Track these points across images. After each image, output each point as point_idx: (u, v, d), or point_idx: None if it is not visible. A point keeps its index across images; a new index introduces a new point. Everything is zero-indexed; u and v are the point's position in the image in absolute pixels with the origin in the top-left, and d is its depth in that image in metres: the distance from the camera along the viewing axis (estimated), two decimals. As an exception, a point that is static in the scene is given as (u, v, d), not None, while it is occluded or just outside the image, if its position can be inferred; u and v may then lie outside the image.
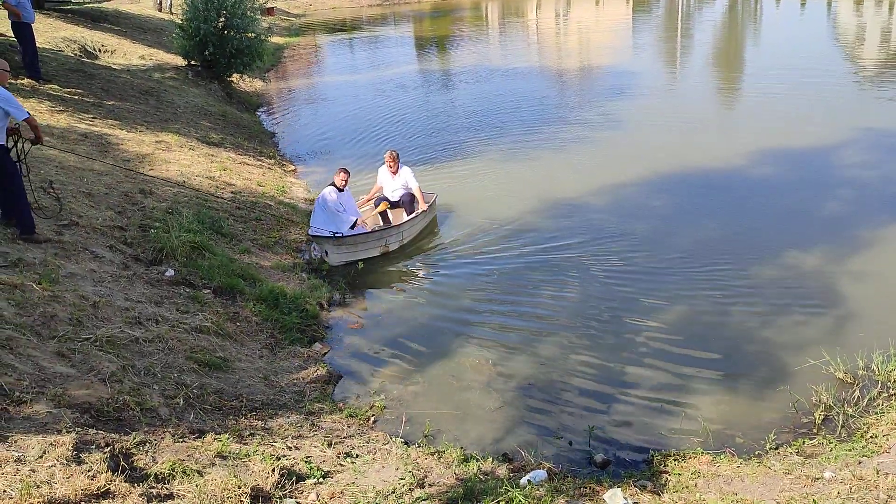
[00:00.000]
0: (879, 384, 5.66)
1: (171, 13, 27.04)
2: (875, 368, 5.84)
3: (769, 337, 6.66)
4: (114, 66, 16.35)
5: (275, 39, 28.88)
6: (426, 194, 10.07)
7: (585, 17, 39.64)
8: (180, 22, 17.84)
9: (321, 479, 4.28)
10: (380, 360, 6.72)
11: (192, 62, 18.20)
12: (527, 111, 16.48)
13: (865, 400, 5.47)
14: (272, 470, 4.14)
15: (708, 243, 8.77)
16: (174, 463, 3.91)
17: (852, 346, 6.24)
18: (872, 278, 7.64)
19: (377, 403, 5.86)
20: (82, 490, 3.42)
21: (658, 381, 6.08)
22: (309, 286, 7.97)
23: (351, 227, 8.85)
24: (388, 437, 5.21)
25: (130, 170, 9.52)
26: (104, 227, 7.46)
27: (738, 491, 4.29)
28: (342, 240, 8.62)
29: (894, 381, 5.66)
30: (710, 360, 6.33)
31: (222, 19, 17.22)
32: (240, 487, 3.82)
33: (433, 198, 10.22)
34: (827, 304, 7.17)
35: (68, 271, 6.17)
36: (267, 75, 23.66)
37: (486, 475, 4.60)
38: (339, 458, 4.63)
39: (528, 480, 4.43)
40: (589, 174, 11.66)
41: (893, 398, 5.46)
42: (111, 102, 13.10)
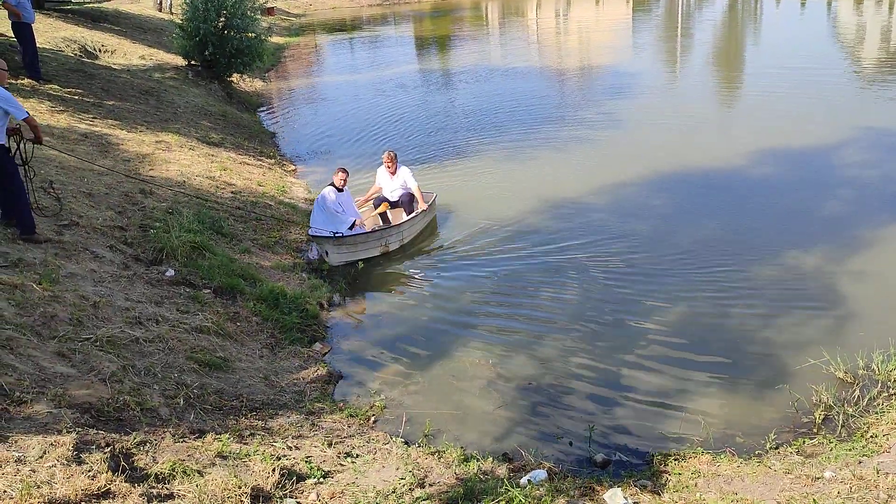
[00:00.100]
0: (879, 384, 5.66)
1: (171, 13, 27.03)
2: (875, 368, 5.84)
3: (769, 337, 6.66)
4: (114, 66, 16.35)
5: (275, 39, 28.87)
6: (426, 194, 10.07)
7: (585, 16, 39.63)
8: (180, 22, 17.84)
9: (321, 479, 4.28)
10: (380, 360, 6.72)
11: (193, 62, 18.20)
12: (527, 111, 16.47)
13: (865, 399, 5.47)
14: (272, 470, 4.14)
15: (708, 243, 8.77)
16: (174, 463, 3.91)
17: (852, 345, 6.24)
18: (872, 278, 7.64)
19: (377, 403, 5.86)
20: (82, 490, 3.42)
21: (658, 381, 6.08)
22: (309, 286, 7.98)
23: (350, 227, 8.85)
24: (389, 436, 5.21)
25: (131, 170, 9.52)
26: (104, 227, 7.46)
27: (738, 490, 4.29)
28: (342, 240, 8.62)
29: (894, 381, 5.66)
30: (711, 359, 6.32)
31: (222, 19, 17.22)
32: (240, 487, 3.82)
33: (433, 197, 10.21)
34: (827, 304, 7.17)
35: (68, 271, 6.17)
36: (267, 75, 23.66)
37: (487, 475, 4.60)
38: (339, 457, 4.63)
39: (528, 480, 4.43)
40: (589, 174, 11.66)
41: (893, 398, 5.46)
42: (111, 102, 13.10)
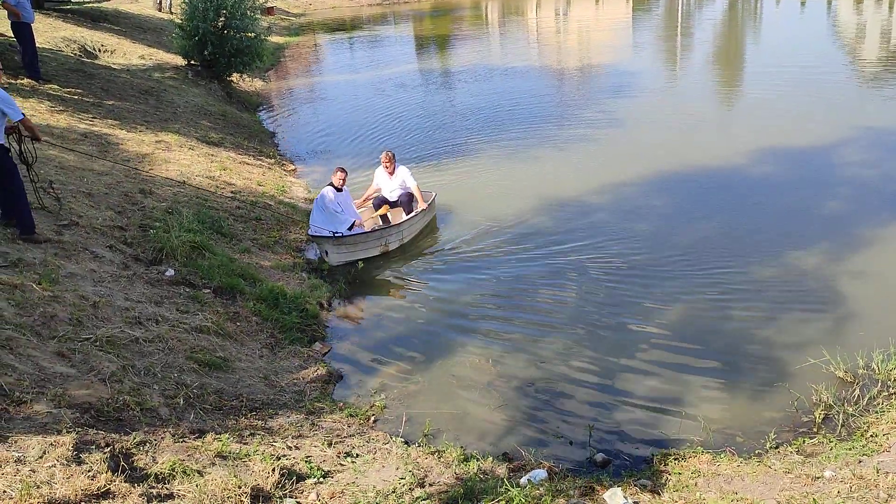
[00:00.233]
0: (879, 383, 5.65)
1: (171, 13, 27.02)
2: (875, 367, 5.83)
3: (769, 336, 6.65)
4: (113, 66, 16.35)
5: (274, 39, 28.88)
6: (425, 193, 10.07)
7: (585, 15, 39.61)
8: (180, 22, 17.84)
9: (321, 479, 4.28)
10: (380, 360, 6.72)
11: (192, 62, 18.19)
12: (526, 110, 16.46)
13: (866, 399, 5.47)
14: (272, 470, 4.14)
15: (708, 243, 8.76)
16: (174, 463, 3.91)
17: (852, 345, 6.23)
18: (872, 277, 7.63)
19: (377, 403, 5.86)
20: (82, 490, 3.42)
21: (658, 380, 6.08)
22: (309, 286, 7.97)
23: (349, 228, 8.85)
24: (389, 436, 5.21)
25: (131, 168, 9.52)
26: (104, 227, 7.45)
27: (738, 490, 4.29)
28: (342, 239, 8.62)
29: (894, 380, 5.66)
30: (710, 359, 6.32)
31: (222, 19, 17.22)
32: (240, 487, 3.83)
33: (432, 196, 10.21)
34: (827, 304, 7.17)
35: (68, 271, 6.17)
36: (267, 75, 23.65)
37: (486, 474, 4.60)
38: (339, 457, 4.63)
39: (528, 480, 4.43)
40: (589, 173, 11.65)
41: (894, 397, 5.46)
42: (111, 102, 13.09)
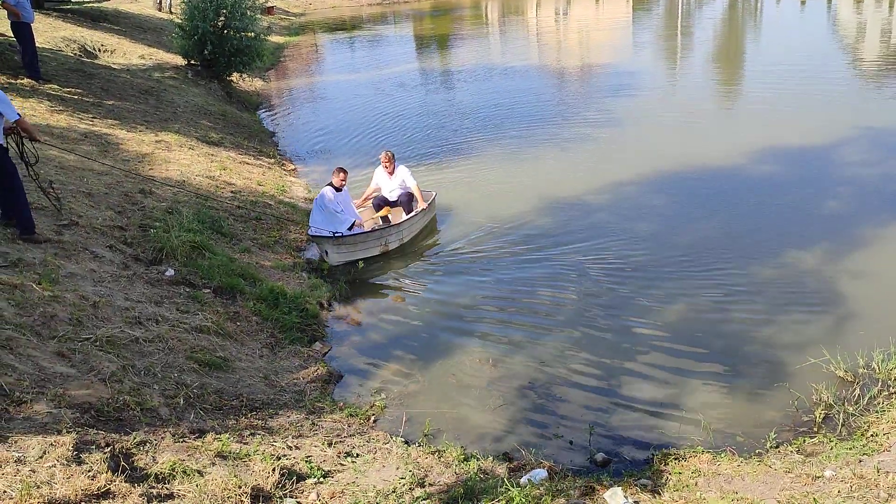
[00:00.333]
0: (880, 382, 5.65)
1: (171, 13, 27.01)
2: (875, 367, 5.83)
3: (769, 336, 6.65)
4: (113, 66, 16.34)
5: (274, 38, 28.88)
6: (425, 192, 10.07)
7: (585, 15, 39.60)
8: (180, 21, 17.84)
9: (321, 479, 4.28)
10: (380, 360, 6.72)
11: (192, 61, 18.19)
12: (526, 109, 16.46)
13: (866, 398, 5.47)
14: (272, 469, 4.14)
15: (708, 243, 8.76)
16: (174, 463, 3.91)
17: (853, 344, 6.23)
18: (872, 277, 7.63)
19: (377, 403, 5.86)
20: (82, 490, 3.42)
21: (658, 380, 6.08)
22: (309, 286, 7.97)
23: (349, 228, 8.85)
24: (389, 436, 5.21)
25: (130, 170, 9.52)
26: (104, 227, 7.45)
27: (738, 489, 4.29)
28: (341, 239, 8.62)
29: (895, 380, 5.66)
30: (711, 359, 6.32)
31: (221, 18, 17.21)
32: (240, 487, 3.82)
33: (432, 196, 10.20)
34: (827, 303, 7.17)
35: (68, 271, 6.17)
36: (267, 74, 23.64)
37: (486, 474, 4.60)
38: (339, 457, 4.63)
39: (528, 479, 4.42)
40: (589, 172, 11.65)
41: (894, 396, 5.46)
42: (111, 102, 13.09)
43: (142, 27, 23.10)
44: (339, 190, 9.00)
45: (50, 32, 16.74)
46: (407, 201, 9.81)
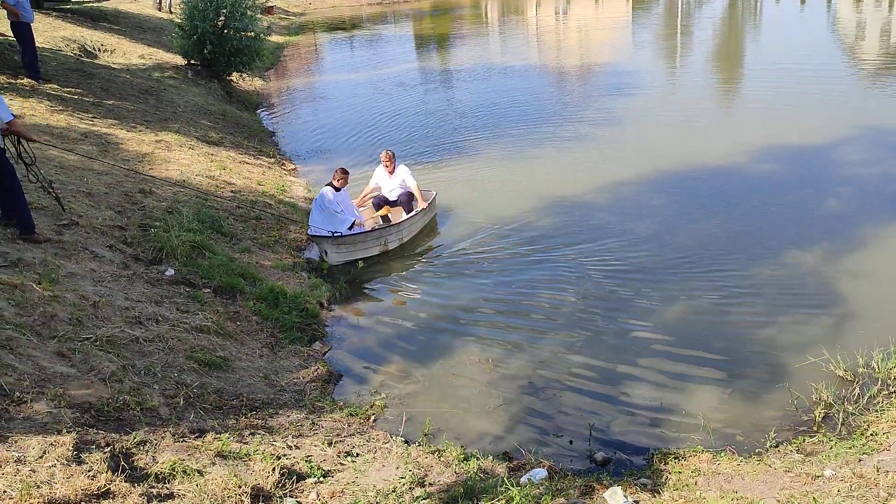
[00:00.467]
0: (879, 382, 5.66)
1: (171, 12, 27.01)
2: (875, 366, 5.84)
3: (769, 335, 6.65)
4: (113, 66, 16.34)
5: (274, 38, 28.87)
6: (425, 192, 10.06)
7: (585, 14, 39.59)
8: (179, 21, 17.83)
9: (321, 479, 4.28)
10: (380, 359, 6.72)
11: (192, 61, 18.19)
12: (526, 109, 16.45)
13: (865, 397, 5.47)
14: (272, 469, 4.14)
15: (708, 242, 8.76)
16: (174, 462, 3.91)
17: (852, 343, 6.23)
18: (872, 277, 7.63)
19: (377, 402, 5.86)
20: (82, 490, 3.42)
21: (658, 379, 6.08)
22: (309, 285, 7.98)
23: (349, 227, 8.85)
24: (389, 435, 5.21)
25: (130, 169, 9.52)
26: (104, 227, 7.45)
27: (738, 489, 4.29)
28: (341, 239, 8.61)
29: (894, 379, 5.66)
30: (711, 358, 6.32)
31: (221, 18, 17.21)
32: (240, 487, 3.83)
33: (433, 196, 10.20)
34: (827, 303, 7.17)
35: (68, 271, 6.17)
36: (266, 74, 23.64)
37: (486, 474, 4.60)
38: (339, 456, 4.64)
39: (528, 479, 4.43)
40: (588, 172, 11.65)
41: (893, 396, 5.46)
42: (111, 102, 13.09)
43: (141, 27, 23.10)
44: (338, 190, 9.00)
45: (50, 32, 16.74)
46: (407, 201, 9.80)
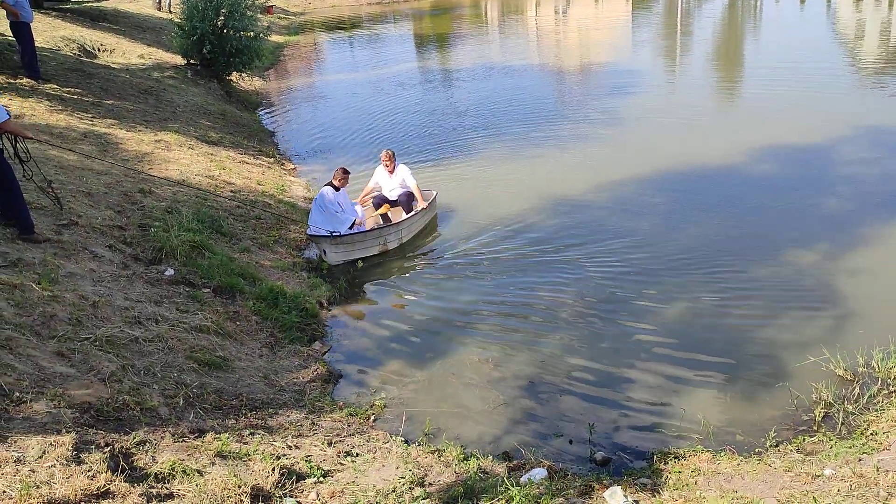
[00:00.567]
0: (879, 381, 5.65)
1: (170, 12, 27.00)
2: (875, 365, 5.83)
3: (769, 335, 6.65)
4: (113, 66, 16.34)
5: (274, 38, 28.87)
6: (426, 192, 10.06)
7: (585, 14, 39.59)
8: (179, 21, 17.83)
9: (321, 478, 4.28)
10: (380, 359, 6.72)
11: (192, 61, 18.18)
12: (526, 108, 16.45)
13: (866, 397, 5.47)
14: (272, 469, 4.14)
15: (708, 242, 8.76)
16: (174, 462, 3.91)
17: (852, 343, 6.23)
18: (872, 276, 7.63)
19: (377, 402, 5.86)
20: (82, 490, 3.42)
21: (658, 379, 6.08)
22: (309, 285, 7.97)
23: (350, 227, 8.84)
24: (389, 435, 5.21)
25: (130, 169, 9.52)
26: (104, 227, 7.45)
27: (738, 488, 4.29)
28: (340, 239, 8.61)
29: (894, 378, 5.66)
30: (710, 358, 6.32)
31: (221, 18, 17.20)
32: (240, 487, 3.82)
33: (433, 196, 10.20)
34: (827, 302, 7.17)
35: (68, 271, 6.17)
36: (266, 74, 23.64)
37: (486, 473, 4.60)
38: (339, 456, 4.63)
39: (527, 479, 4.42)
40: (588, 171, 11.64)
41: (894, 395, 5.46)
42: (110, 102, 13.08)
43: (141, 27, 23.09)
44: (337, 190, 8.99)
45: (49, 32, 16.74)
46: (407, 200, 9.80)
